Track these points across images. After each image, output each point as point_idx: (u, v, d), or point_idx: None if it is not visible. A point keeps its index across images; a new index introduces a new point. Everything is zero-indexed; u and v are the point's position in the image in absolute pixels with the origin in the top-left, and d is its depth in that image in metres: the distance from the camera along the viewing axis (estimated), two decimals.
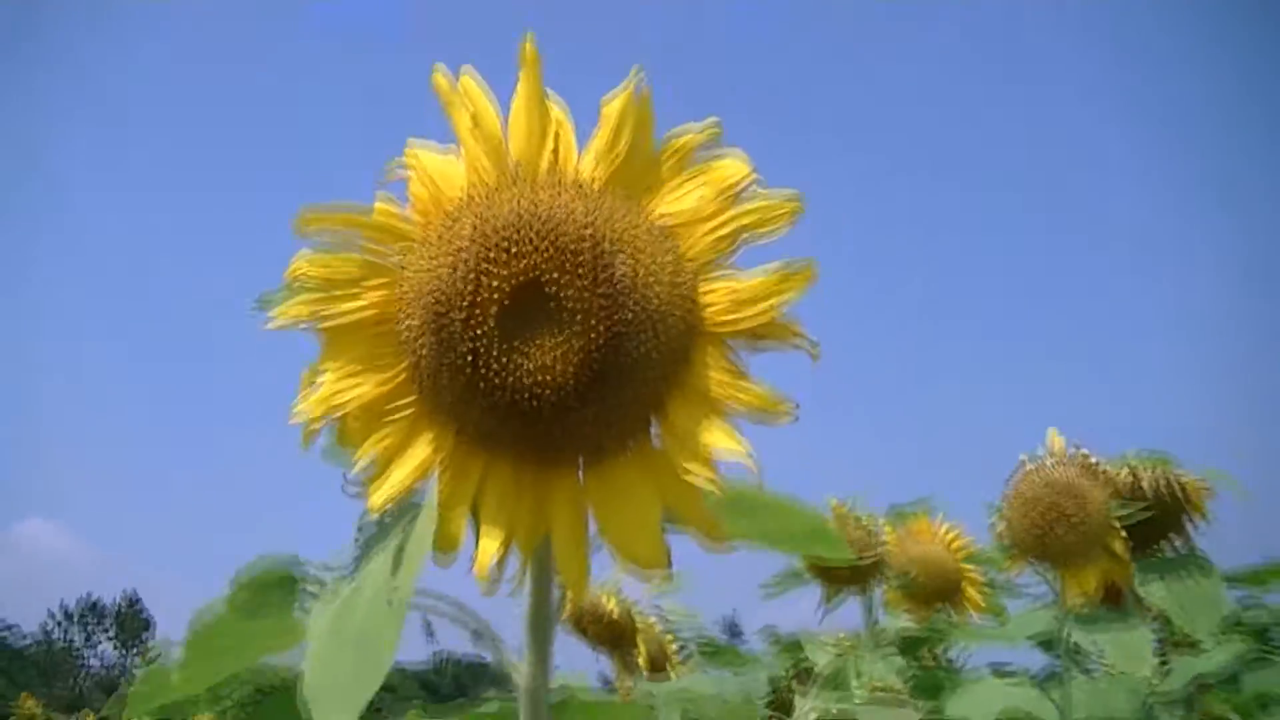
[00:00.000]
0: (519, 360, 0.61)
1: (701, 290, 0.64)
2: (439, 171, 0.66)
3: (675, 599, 2.27)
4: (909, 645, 2.00)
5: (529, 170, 0.64)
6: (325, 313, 0.66)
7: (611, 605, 2.04)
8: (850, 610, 2.08)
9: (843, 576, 2.02)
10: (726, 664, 2.12)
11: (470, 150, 0.65)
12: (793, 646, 2.04)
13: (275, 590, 0.72)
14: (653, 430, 0.65)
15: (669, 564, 0.63)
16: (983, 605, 2.14)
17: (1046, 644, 1.79)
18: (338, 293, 0.65)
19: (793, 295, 0.63)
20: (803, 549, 0.77)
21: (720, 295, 0.64)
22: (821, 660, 1.58)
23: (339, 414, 0.65)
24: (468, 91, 0.65)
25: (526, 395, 0.61)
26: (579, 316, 0.60)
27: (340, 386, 0.65)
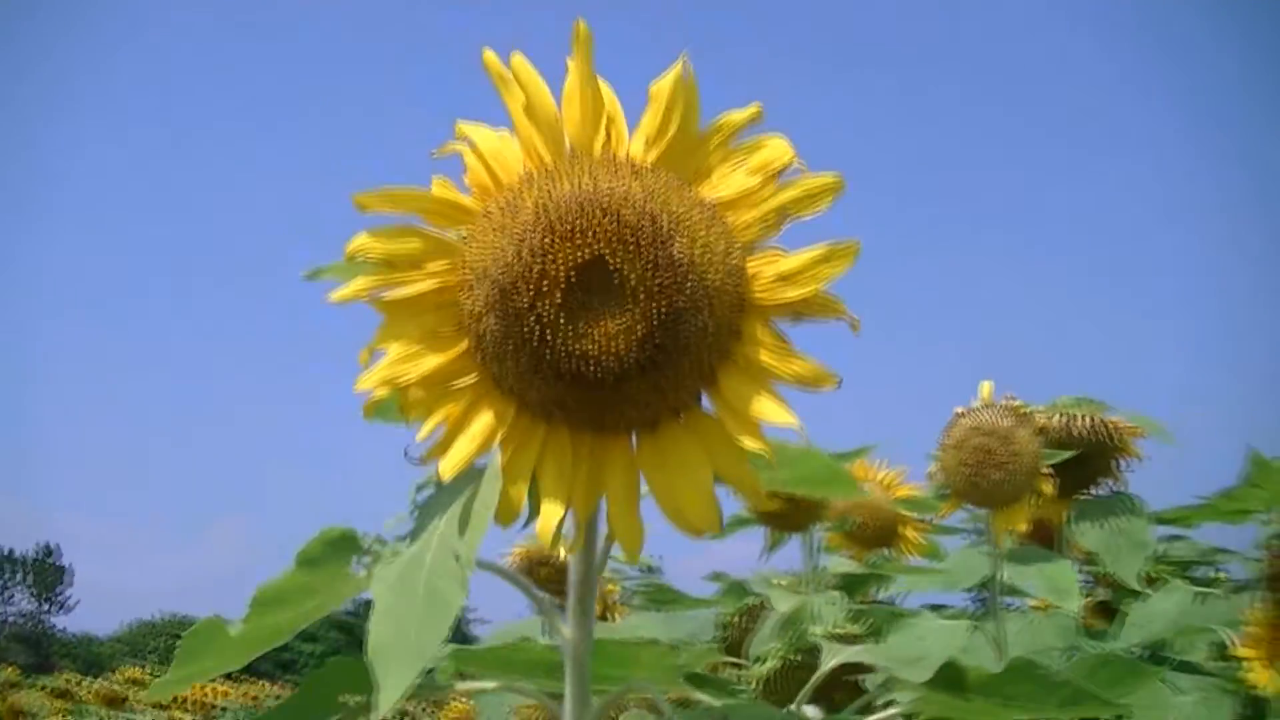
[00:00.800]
0: (583, 336, 0.64)
1: (749, 267, 0.67)
2: (493, 151, 0.67)
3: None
4: (850, 586, 2.06)
5: (584, 152, 0.66)
6: (388, 289, 0.67)
7: (561, 551, 2.05)
8: (789, 552, 2.12)
9: (786, 520, 2.06)
10: (673, 607, 2.15)
11: (525, 132, 0.67)
12: (739, 589, 2.08)
13: (338, 546, 0.74)
14: (702, 397, 0.68)
15: (721, 525, 0.66)
16: (920, 547, 2.21)
17: (983, 584, 1.86)
18: (400, 270, 0.67)
19: (836, 272, 0.66)
20: (821, 490, 0.84)
21: (766, 271, 0.67)
22: (780, 601, 1.62)
23: (401, 386, 0.67)
24: (520, 74, 0.67)
25: (591, 368, 0.64)
26: (641, 295, 0.63)
27: (402, 360, 0.67)
